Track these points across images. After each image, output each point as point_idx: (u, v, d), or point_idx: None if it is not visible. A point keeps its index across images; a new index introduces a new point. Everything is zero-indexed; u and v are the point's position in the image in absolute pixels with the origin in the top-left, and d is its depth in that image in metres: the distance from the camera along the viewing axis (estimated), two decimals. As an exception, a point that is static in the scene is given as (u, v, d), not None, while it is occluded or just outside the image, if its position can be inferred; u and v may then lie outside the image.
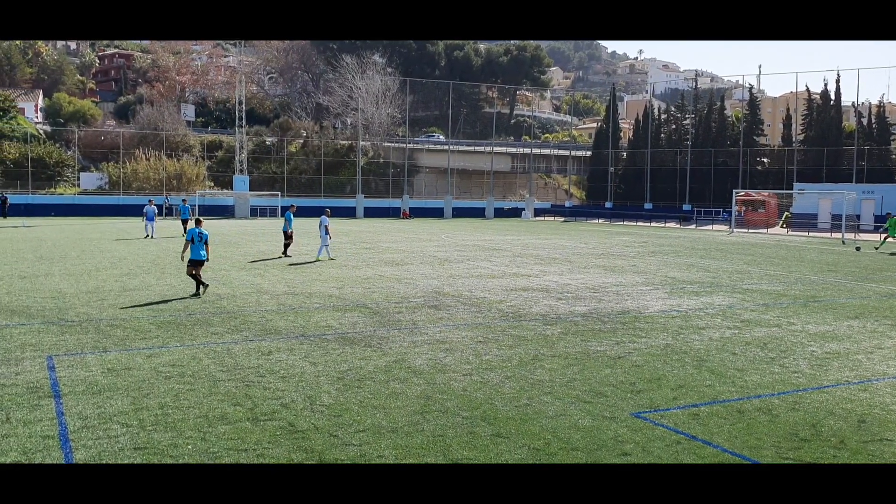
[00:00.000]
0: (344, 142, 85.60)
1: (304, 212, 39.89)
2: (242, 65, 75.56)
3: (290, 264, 24.11)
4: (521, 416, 8.43)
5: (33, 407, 8.39)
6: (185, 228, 35.32)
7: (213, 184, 74.09)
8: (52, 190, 67.99)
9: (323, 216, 26.27)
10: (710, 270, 24.64)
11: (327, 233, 25.86)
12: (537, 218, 76.83)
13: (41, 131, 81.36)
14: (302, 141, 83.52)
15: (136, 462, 6.81)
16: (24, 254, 26.18)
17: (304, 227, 26.43)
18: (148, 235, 34.87)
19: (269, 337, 12.57)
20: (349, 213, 70.41)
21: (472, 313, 15.40)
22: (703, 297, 18.19)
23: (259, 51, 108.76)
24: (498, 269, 23.78)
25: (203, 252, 16.94)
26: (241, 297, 17.00)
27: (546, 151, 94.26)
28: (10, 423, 7.80)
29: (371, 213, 71.66)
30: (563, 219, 74.62)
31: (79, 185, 70.70)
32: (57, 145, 75.73)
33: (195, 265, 16.97)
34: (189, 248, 16.95)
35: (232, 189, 67.81)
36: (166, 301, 16.13)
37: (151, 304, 15.77)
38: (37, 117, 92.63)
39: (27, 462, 6.78)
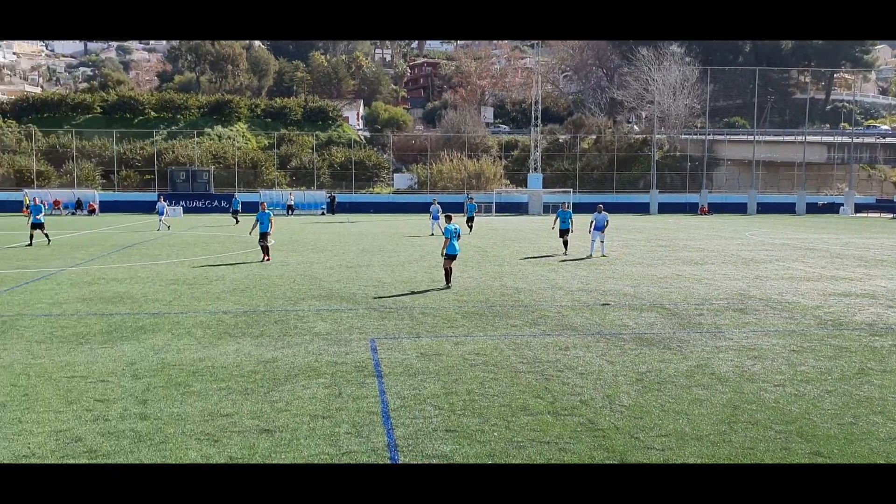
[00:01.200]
0: (637, 136, 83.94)
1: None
2: (539, 65, 77.35)
3: (563, 260, 24.18)
4: (844, 436, 7.58)
5: (360, 384, 9.38)
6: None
7: (508, 182, 77.01)
8: (371, 189, 75.67)
9: (603, 213, 25.96)
10: None
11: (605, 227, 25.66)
12: (858, 214, 68.57)
13: (362, 137, 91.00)
14: (595, 137, 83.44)
15: (444, 445, 7.30)
16: (349, 246, 29.43)
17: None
18: (433, 235, 36.29)
19: (565, 332, 12.73)
20: (642, 209, 68.81)
21: (784, 319, 14.18)
22: None
23: (554, 50, 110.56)
24: (813, 272, 21.64)
25: (457, 246, 17.92)
26: (537, 291, 17.43)
27: (870, 140, 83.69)
28: (342, 398, 8.80)
29: (665, 208, 69.37)
30: (891, 215, 65.74)
31: (392, 185, 77.79)
32: (374, 149, 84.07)
33: (451, 259, 17.85)
34: (447, 245, 17.80)
35: (526, 187, 69.89)
36: (471, 292, 17.09)
37: (456, 294, 16.80)
38: (358, 124, 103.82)
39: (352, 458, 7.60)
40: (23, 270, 20.87)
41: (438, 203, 38.19)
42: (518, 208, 68.40)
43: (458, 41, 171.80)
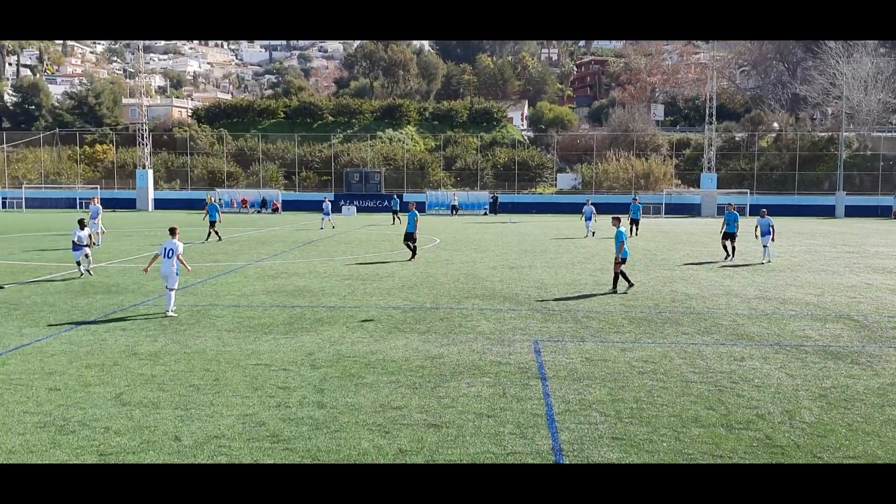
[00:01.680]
0: (823, 134, 77.99)
1: (775, 211, 37.39)
2: (714, 60, 73.86)
3: (738, 266, 22.82)
4: None
5: (524, 386, 9.41)
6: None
7: (679, 182, 74.20)
8: (534, 189, 75.59)
9: (766, 218, 24.22)
10: None
11: (771, 232, 23.87)
12: None
13: (525, 137, 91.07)
14: (774, 135, 78.49)
15: (613, 456, 7.17)
16: (511, 247, 29.57)
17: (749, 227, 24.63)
18: (588, 235, 35.30)
19: (740, 342, 12.10)
20: (826, 211, 63.95)
21: None
22: None
23: (730, 45, 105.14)
24: None
25: (627, 250, 17.62)
26: (711, 298, 16.67)
27: None
28: (506, 398, 8.87)
29: (853, 211, 63.99)
30: None
31: (556, 185, 77.28)
32: (538, 149, 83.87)
33: (622, 263, 17.47)
34: (622, 249, 17.31)
35: (698, 187, 67.00)
36: (636, 297, 16.64)
37: (623, 299, 16.42)
38: (522, 124, 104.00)
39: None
40: (214, 264, 22.73)
41: (593, 203, 37.48)
42: (689, 210, 65.73)
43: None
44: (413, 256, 24.22)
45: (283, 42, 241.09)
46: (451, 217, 57.42)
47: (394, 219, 46.94)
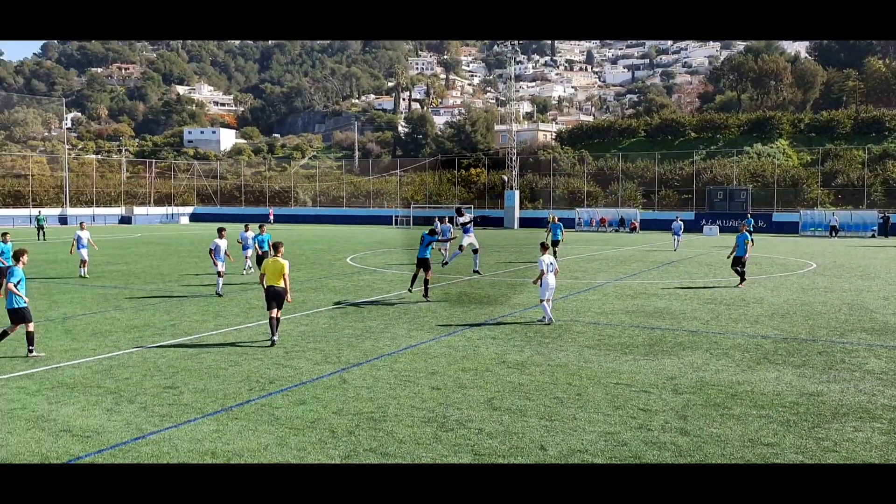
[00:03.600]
0: None
1: None
2: None
3: None
4: None
5: (928, 437, 8.07)
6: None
7: None
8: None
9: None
10: None
11: None
12: None
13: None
14: None
15: None
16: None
17: None
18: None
19: None
20: None
21: None
22: None
23: None
24: None
25: None
26: None
27: None
28: (904, 449, 7.69)
29: None
30: None
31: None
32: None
33: None
34: None
35: None
36: None
37: None
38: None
39: None
40: (574, 281, 23.40)
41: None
42: None
43: None
44: (741, 282, 21.78)
45: (646, 61, 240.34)
46: (830, 239, 51.74)
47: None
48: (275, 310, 12.97)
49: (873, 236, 56.31)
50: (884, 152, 74.77)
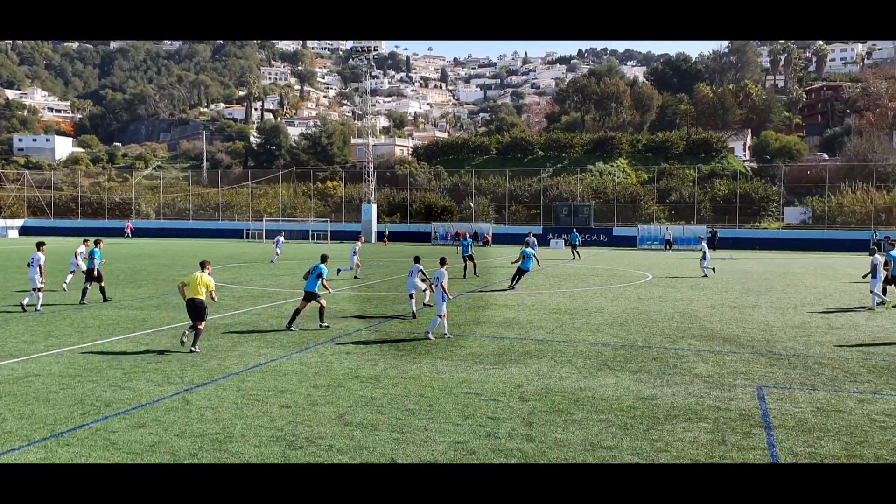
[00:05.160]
0: None
1: None
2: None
3: None
4: None
5: (746, 434, 8.78)
6: None
7: (930, 216, 66.19)
8: (757, 224, 70.94)
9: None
10: None
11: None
12: None
13: (748, 168, 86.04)
14: None
15: None
16: (732, 284, 27.89)
17: None
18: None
19: None
20: None
21: None
22: None
23: None
24: None
25: None
26: (971, 348, 14.60)
27: None
28: (726, 446, 8.33)
29: None
30: None
31: (782, 220, 72.03)
32: (762, 181, 78.83)
33: None
34: None
35: (954, 222, 59.35)
36: (878, 343, 15.00)
37: (861, 344, 14.88)
38: (744, 155, 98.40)
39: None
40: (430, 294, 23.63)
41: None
42: (941, 248, 58.28)
43: (866, 60, 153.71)
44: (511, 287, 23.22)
45: (497, 80, 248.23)
46: (665, 252, 55.40)
47: (573, 254, 45.61)
48: (199, 322, 13.66)
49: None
50: (712, 171, 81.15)
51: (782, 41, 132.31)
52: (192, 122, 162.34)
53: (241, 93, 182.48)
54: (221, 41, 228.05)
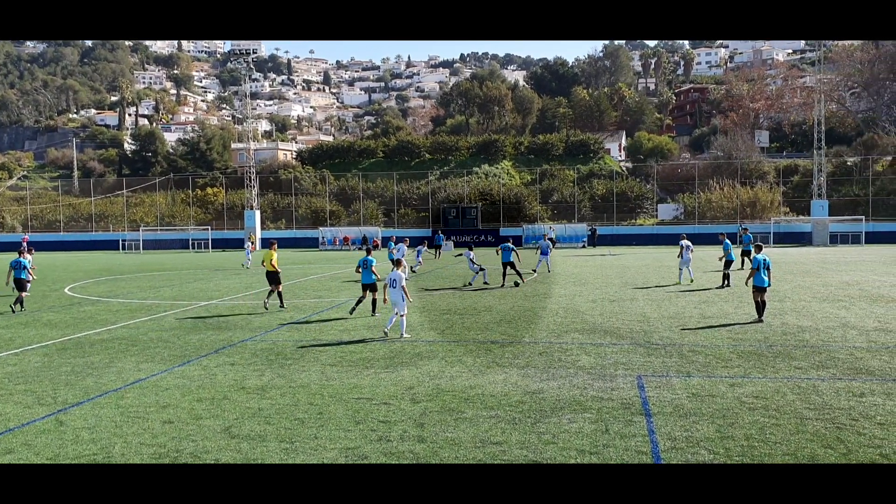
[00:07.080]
0: (947, 155, 73.36)
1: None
2: (821, 83, 70.84)
3: (857, 297, 21.50)
4: None
5: (627, 422, 9.15)
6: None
7: (788, 210, 71.23)
8: (633, 221, 74.20)
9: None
10: None
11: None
12: None
13: (623, 168, 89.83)
14: (890, 158, 74.40)
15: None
16: (611, 279, 29.03)
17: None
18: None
19: (860, 377, 11.39)
20: (955, 238, 59.82)
21: None
22: None
23: (839, 66, 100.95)
24: None
25: (766, 279, 17.31)
26: (825, 330, 15.82)
27: None
28: (609, 435, 8.65)
29: None
30: None
31: (656, 216, 75.59)
32: (637, 180, 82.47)
33: (761, 292, 17.34)
34: (753, 275, 17.40)
35: (808, 215, 64.10)
36: (745, 330, 15.99)
37: (731, 332, 15.82)
38: (620, 155, 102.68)
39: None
40: (318, 300, 23.34)
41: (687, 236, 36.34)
42: (799, 238, 62.86)
43: (729, 63, 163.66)
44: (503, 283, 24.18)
45: (382, 84, 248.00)
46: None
47: (436, 253, 46.44)
48: (276, 286, 16.23)
49: (584, 246, 63.01)
50: (590, 172, 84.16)
51: (651, 43, 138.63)
52: (60, 130, 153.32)
53: (114, 98, 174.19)
54: (90, 43, 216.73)
